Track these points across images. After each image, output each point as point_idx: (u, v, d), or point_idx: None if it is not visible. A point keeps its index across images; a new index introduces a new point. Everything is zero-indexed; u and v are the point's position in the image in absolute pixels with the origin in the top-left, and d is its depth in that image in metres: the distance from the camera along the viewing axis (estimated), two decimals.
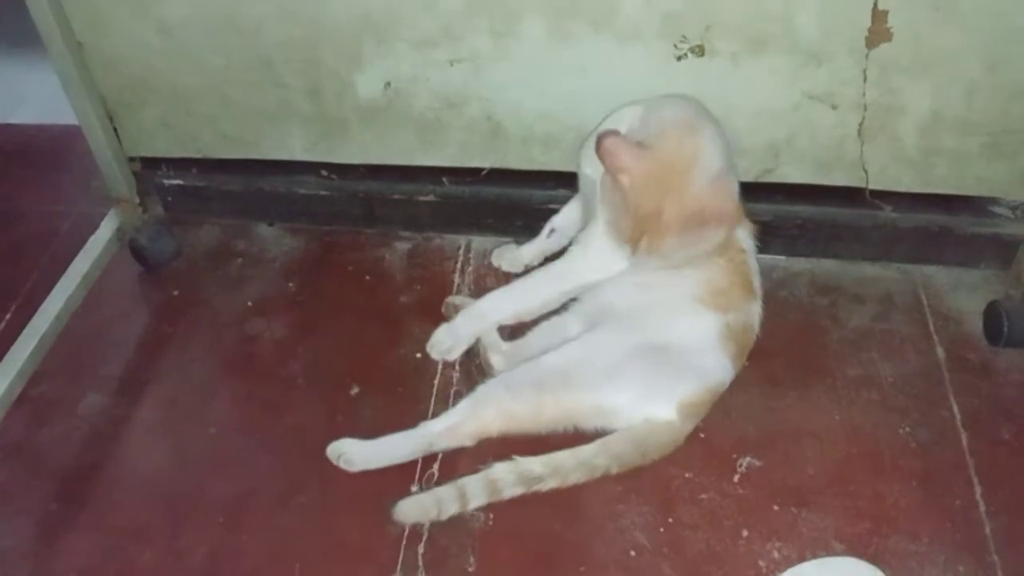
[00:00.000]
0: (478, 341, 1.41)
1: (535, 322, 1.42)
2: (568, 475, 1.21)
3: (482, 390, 1.28)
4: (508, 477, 1.20)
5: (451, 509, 1.20)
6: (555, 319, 1.40)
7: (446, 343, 1.42)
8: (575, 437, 1.26)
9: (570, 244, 1.43)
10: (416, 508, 1.20)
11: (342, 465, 1.27)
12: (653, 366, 1.27)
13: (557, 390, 1.25)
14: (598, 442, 1.24)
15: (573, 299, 1.40)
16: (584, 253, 1.37)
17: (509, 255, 1.56)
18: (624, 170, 1.24)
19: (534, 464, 1.21)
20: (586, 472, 1.22)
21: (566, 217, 1.51)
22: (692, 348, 1.28)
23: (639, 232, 1.26)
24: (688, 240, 1.26)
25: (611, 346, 1.28)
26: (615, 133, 1.25)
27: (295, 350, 1.47)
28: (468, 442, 1.28)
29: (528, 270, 1.54)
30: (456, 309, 1.45)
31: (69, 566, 1.21)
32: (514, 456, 1.22)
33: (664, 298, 1.31)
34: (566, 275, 1.39)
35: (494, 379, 1.31)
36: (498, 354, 1.39)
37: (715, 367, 1.29)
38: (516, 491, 1.21)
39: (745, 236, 1.36)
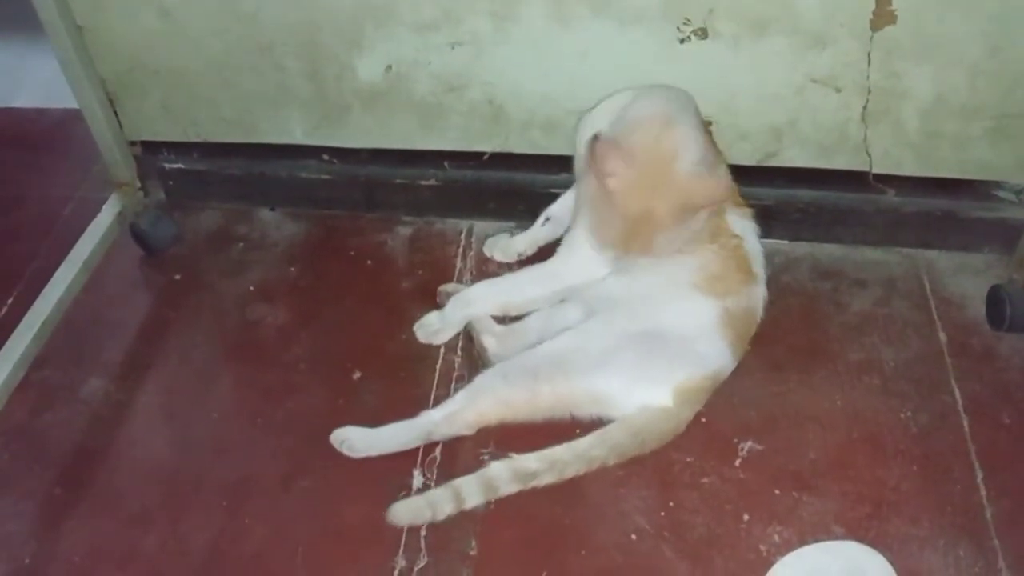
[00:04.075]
0: (471, 326, 1.41)
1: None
2: (565, 469, 1.21)
3: (479, 380, 1.29)
4: (504, 475, 1.21)
5: (446, 510, 1.19)
6: (553, 305, 1.40)
7: (434, 326, 1.43)
8: (584, 427, 1.27)
9: (564, 234, 1.43)
10: (409, 511, 1.20)
11: (345, 451, 1.28)
12: (647, 352, 1.27)
13: (552, 378, 1.26)
14: (594, 434, 1.24)
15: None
16: (570, 256, 1.38)
17: (502, 244, 1.56)
18: (612, 175, 1.24)
19: (530, 461, 1.21)
20: (583, 465, 1.22)
21: (562, 206, 1.50)
22: (688, 334, 1.28)
23: (631, 234, 1.27)
24: (680, 232, 1.27)
25: (605, 334, 1.28)
26: (606, 137, 1.26)
27: (297, 335, 1.47)
28: (467, 431, 1.28)
29: (521, 260, 1.54)
30: (449, 297, 1.45)
31: (72, 549, 1.22)
32: (511, 454, 1.22)
33: (659, 286, 1.31)
34: (553, 276, 1.40)
35: (492, 369, 1.31)
36: (491, 336, 1.39)
37: (713, 353, 1.29)
38: (513, 488, 1.21)
39: (740, 221, 1.36)
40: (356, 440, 1.28)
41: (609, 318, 1.30)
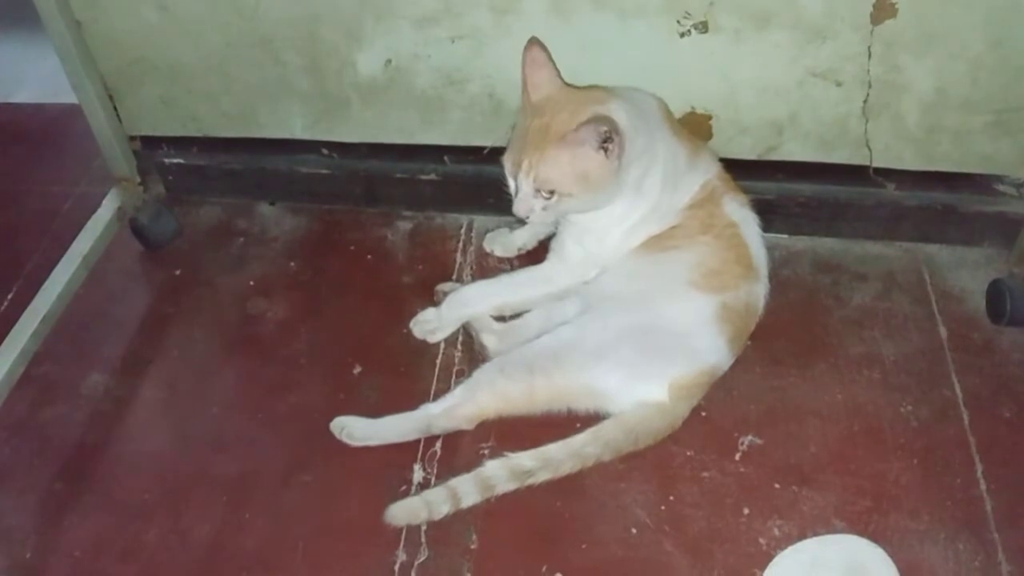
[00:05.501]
0: (470, 324, 1.41)
1: None
2: (560, 466, 1.22)
3: (477, 375, 1.30)
4: (500, 473, 1.21)
5: (443, 510, 1.20)
6: (552, 302, 1.40)
7: (431, 324, 1.43)
8: (583, 421, 1.27)
9: (552, 240, 1.44)
10: (406, 511, 1.20)
11: (344, 439, 1.28)
12: (643, 347, 1.27)
13: (548, 372, 1.26)
14: (589, 431, 1.25)
15: None
16: (559, 261, 1.40)
17: (501, 240, 1.56)
18: (537, 86, 1.28)
19: (524, 459, 1.21)
20: (578, 462, 1.22)
21: None
22: (684, 330, 1.28)
23: (528, 145, 1.25)
24: (563, 164, 1.24)
25: (601, 328, 1.28)
26: (545, 48, 1.28)
27: (297, 329, 1.47)
28: (466, 425, 1.29)
29: (521, 254, 1.55)
30: (446, 296, 1.45)
31: (73, 544, 1.22)
32: (506, 452, 1.23)
33: (656, 282, 1.31)
34: (545, 280, 1.41)
35: (490, 363, 1.32)
36: (491, 334, 1.40)
37: (709, 349, 1.29)
38: (509, 486, 1.21)
39: (737, 208, 1.36)
40: (355, 428, 1.29)
41: (605, 313, 1.30)
